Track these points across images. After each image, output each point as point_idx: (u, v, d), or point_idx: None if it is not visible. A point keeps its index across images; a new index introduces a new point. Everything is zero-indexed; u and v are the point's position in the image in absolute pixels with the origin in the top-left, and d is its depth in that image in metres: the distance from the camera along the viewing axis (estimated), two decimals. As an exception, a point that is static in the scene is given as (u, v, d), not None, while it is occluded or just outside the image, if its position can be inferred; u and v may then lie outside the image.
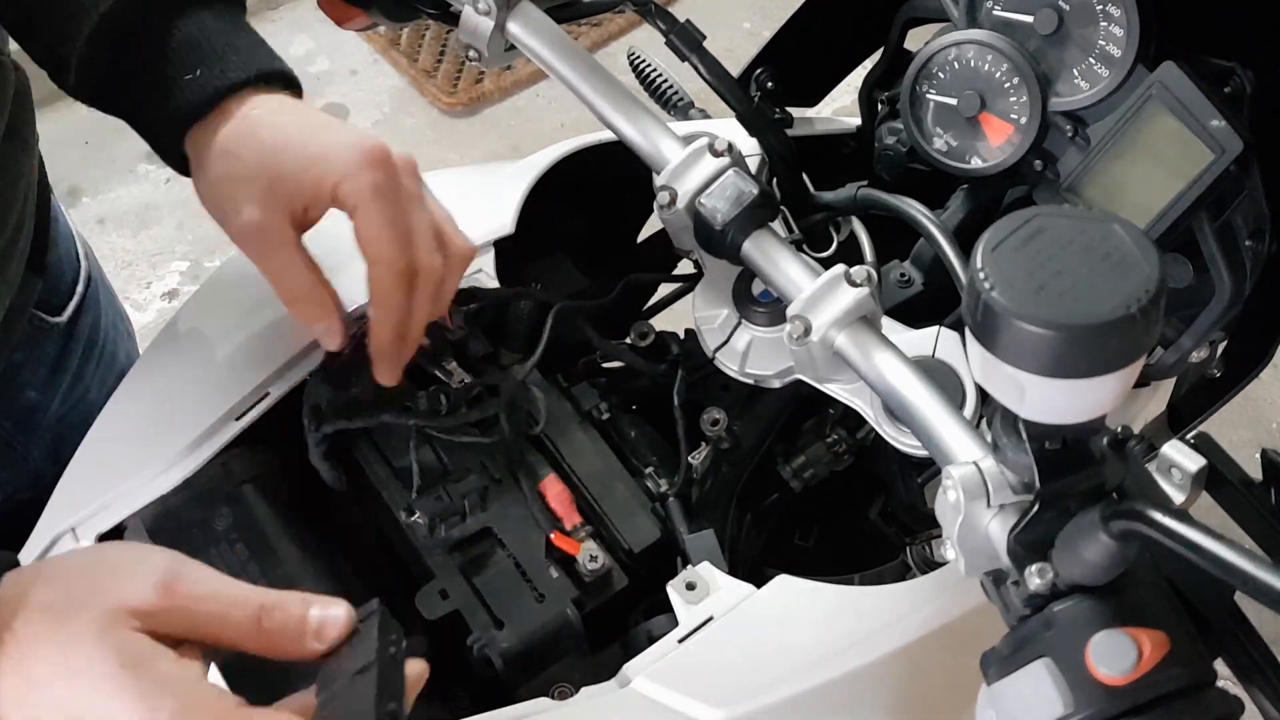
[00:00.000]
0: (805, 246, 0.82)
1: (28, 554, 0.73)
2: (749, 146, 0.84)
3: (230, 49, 0.70)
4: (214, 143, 0.69)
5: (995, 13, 0.77)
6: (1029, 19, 0.75)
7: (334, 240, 0.71)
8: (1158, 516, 0.46)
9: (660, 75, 1.06)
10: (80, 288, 0.99)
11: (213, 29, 0.70)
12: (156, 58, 0.69)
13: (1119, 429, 0.53)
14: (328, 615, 0.56)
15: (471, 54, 0.81)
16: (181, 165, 0.72)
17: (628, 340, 0.84)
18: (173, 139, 0.71)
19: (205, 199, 0.71)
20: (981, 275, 0.45)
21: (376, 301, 0.70)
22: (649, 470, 0.79)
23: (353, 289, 0.74)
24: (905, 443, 0.68)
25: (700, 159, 0.73)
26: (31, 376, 0.94)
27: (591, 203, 0.96)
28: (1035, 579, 0.53)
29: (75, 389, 0.98)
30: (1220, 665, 0.56)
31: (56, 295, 0.96)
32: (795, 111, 0.91)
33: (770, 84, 0.85)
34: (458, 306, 0.80)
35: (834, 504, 0.90)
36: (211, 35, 0.70)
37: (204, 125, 0.69)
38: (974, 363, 0.48)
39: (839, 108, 1.26)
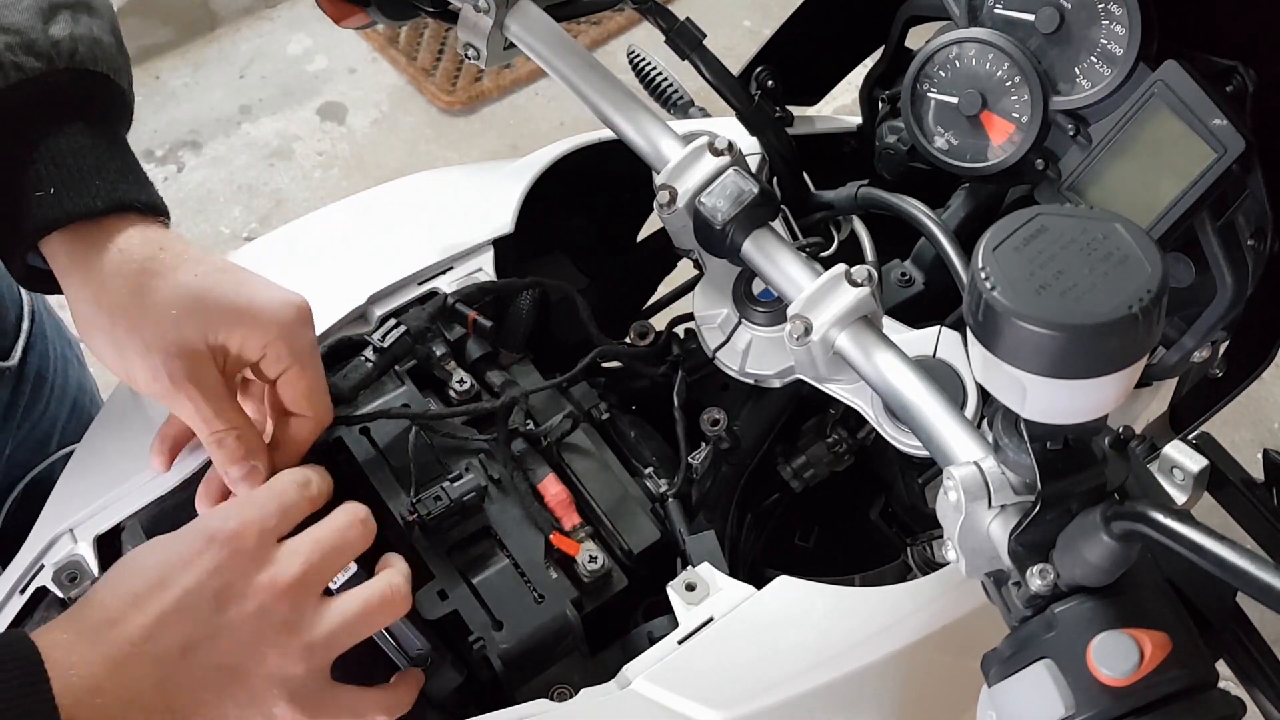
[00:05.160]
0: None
1: (24, 555, 0.73)
2: (749, 145, 0.84)
3: (97, 172, 0.66)
4: (110, 272, 0.65)
5: (997, 11, 0.76)
6: (1030, 17, 0.75)
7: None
8: (1159, 517, 0.46)
9: (660, 73, 1.06)
10: (26, 325, 0.95)
11: (83, 147, 0.66)
12: (13, 164, 0.65)
13: (1120, 429, 0.52)
14: None
15: (470, 52, 0.81)
16: (26, 277, 0.69)
17: (627, 340, 0.83)
18: (17, 252, 0.67)
19: (90, 328, 0.66)
20: (983, 275, 0.45)
21: (289, 450, 0.70)
22: (649, 470, 0.79)
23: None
24: (906, 443, 0.68)
25: (700, 158, 0.72)
26: None
27: (591, 202, 0.96)
28: (1036, 580, 0.53)
29: (23, 427, 0.94)
30: (1222, 666, 0.56)
31: (2, 336, 0.92)
32: (796, 110, 0.91)
33: (770, 82, 0.85)
34: (466, 306, 0.80)
35: (835, 504, 0.90)
36: (81, 153, 0.66)
37: (85, 243, 0.65)
38: (975, 363, 0.48)
39: (839, 106, 1.26)
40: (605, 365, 0.87)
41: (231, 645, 0.58)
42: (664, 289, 0.97)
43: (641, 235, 1.01)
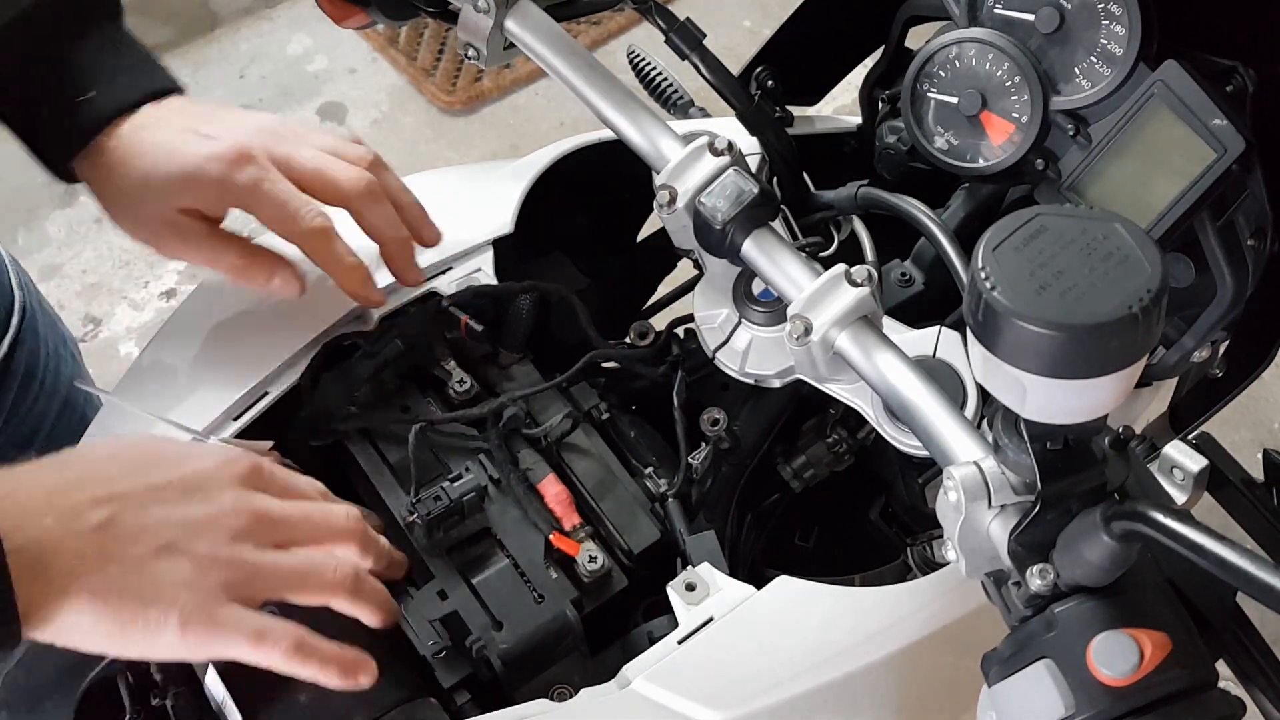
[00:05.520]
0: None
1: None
2: (749, 145, 0.84)
3: (119, 70, 0.75)
4: (102, 168, 0.74)
5: (997, 11, 0.76)
6: (1030, 17, 0.75)
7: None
8: (1159, 517, 0.46)
9: (660, 74, 1.06)
10: (15, 320, 0.96)
11: (100, 51, 0.75)
12: (48, 77, 0.74)
13: (1120, 429, 0.52)
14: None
15: (470, 52, 0.81)
16: (68, 177, 0.76)
17: (627, 340, 0.83)
18: (63, 158, 0.75)
19: (115, 219, 0.76)
20: (983, 275, 0.45)
21: (322, 268, 0.76)
22: (649, 470, 0.79)
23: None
24: (906, 443, 0.68)
25: (700, 158, 0.72)
26: None
27: (591, 202, 0.96)
28: (1036, 580, 0.53)
29: (11, 423, 0.95)
30: (1222, 666, 0.56)
31: None
32: (796, 110, 0.90)
33: (770, 82, 0.85)
34: (461, 308, 0.80)
35: (835, 504, 0.90)
36: (100, 57, 0.74)
37: (90, 148, 0.74)
38: (975, 363, 0.48)
39: (839, 106, 1.26)
40: (605, 365, 0.87)
41: (178, 524, 0.60)
42: (664, 289, 0.97)
43: (641, 235, 1.01)
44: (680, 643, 0.66)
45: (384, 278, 0.82)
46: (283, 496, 0.66)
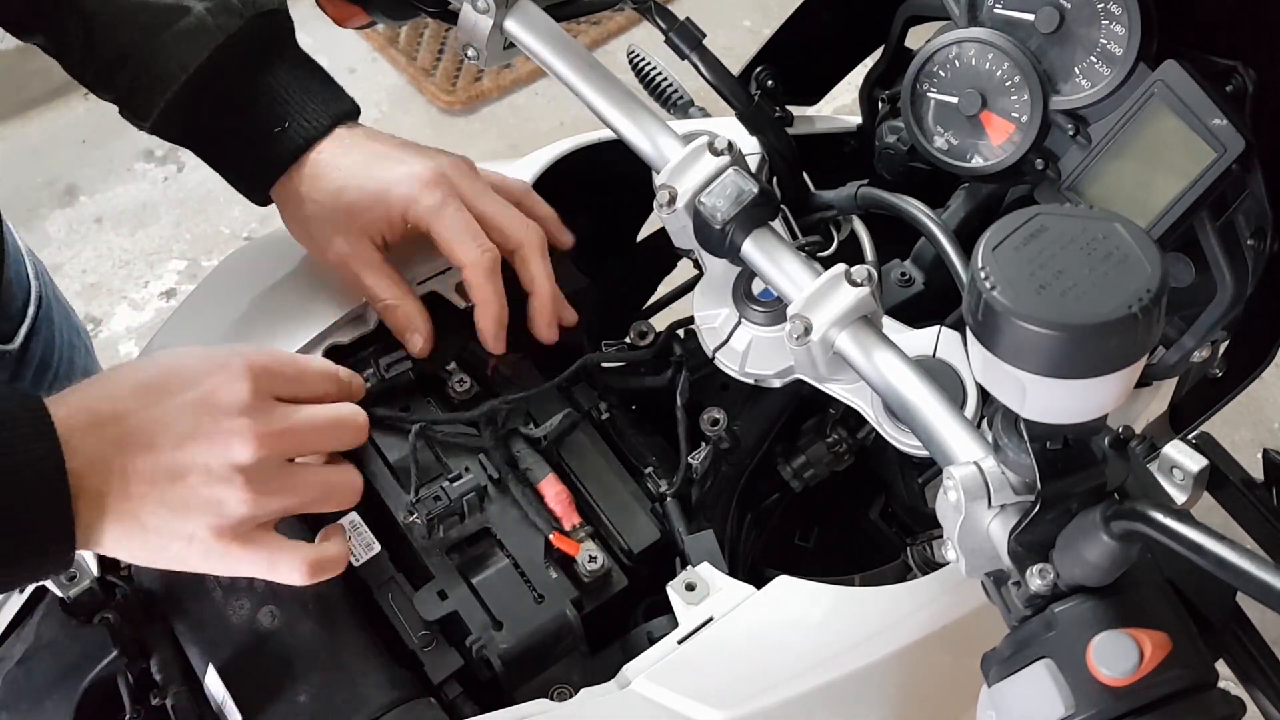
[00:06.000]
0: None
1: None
2: (749, 145, 0.84)
3: (308, 96, 0.78)
4: (293, 189, 0.78)
5: (996, 11, 0.76)
6: (1030, 17, 0.75)
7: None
8: (1159, 517, 0.46)
9: (660, 73, 1.06)
10: (32, 310, 0.97)
11: (288, 80, 0.78)
12: (242, 111, 0.77)
13: (1120, 429, 0.52)
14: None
15: (470, 52, 0.81)
16: (264, 202, 0.81)
17: (627, 340, 0.83)
18: (263, 186, 0.80)
19: (297, 236, 0.81)
20: (982, 274, 0.45)
21: (474, 297, 0.78)
22: (648, 470, 0.79)
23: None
24: (906, 443, 0.68)
25: (700, 158, 0.72)
26: None
27: (591, 202, 0.96)
28: (1036, 580, 0.53)
29: None
30: (1221, 666, 0.56)
31: (6, 321, 0.94)
32: (795, 110, 0.91)
33: (770, 82, 0.85)
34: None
35: (834, 504, 0.90)
36: (289, 86, 0.78)
37: (286, 172, 0.78)
38: (975, 362, 0.48)
39: (839, 106, 1.26)
40: (605, 365, 0.87)
41: (187, 455, 0.62)
42: (664, 289, 0.97)
43: (641, 235, 1.01)
44: (680, 643, 0.66)
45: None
46: (295, 389, 0.67)
